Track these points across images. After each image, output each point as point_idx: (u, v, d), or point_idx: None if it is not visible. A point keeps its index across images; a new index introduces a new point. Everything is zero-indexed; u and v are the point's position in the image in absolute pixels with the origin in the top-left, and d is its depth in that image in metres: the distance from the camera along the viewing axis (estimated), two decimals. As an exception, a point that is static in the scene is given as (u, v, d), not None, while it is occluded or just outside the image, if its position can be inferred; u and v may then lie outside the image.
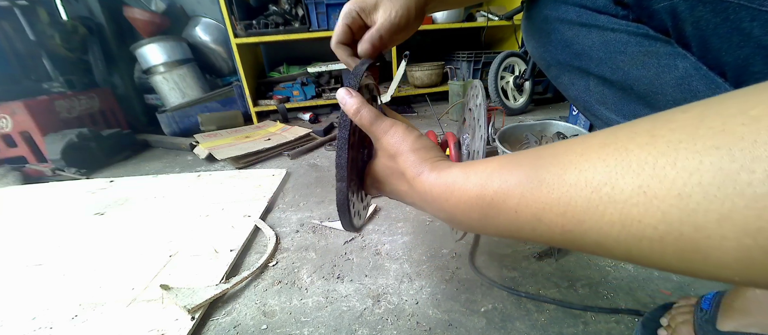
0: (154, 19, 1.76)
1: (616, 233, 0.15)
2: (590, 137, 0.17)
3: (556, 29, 0.37)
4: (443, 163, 0.26)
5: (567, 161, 0.17)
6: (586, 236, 0.17)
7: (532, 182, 0.18)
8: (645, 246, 0.14)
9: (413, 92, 1.99)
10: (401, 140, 0.28)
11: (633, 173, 0.14)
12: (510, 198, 0.20)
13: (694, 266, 0.14)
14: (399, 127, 0.29)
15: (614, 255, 0.16)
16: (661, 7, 0.28)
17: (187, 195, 0.96)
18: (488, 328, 0.47)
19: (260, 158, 1.26)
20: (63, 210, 0.92)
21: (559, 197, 0.17)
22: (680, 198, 0.13)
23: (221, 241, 0.70)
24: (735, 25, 0.24)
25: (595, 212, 0.15)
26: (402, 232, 0.71)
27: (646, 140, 0.14)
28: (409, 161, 0.27)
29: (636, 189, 0.14)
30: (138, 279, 0.60)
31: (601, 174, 0.15)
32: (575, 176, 0.16)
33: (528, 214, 0.19)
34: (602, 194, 0.15)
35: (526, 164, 0.20)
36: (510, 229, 0.21)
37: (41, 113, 1.31)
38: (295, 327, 0.50)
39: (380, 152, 0.31)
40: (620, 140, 0.16)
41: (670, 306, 0.44)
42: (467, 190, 0.22)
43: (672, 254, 0.14)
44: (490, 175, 0.21)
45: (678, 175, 0.13)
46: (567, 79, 0.40)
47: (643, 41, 0.31)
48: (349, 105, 0.29)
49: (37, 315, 0.53)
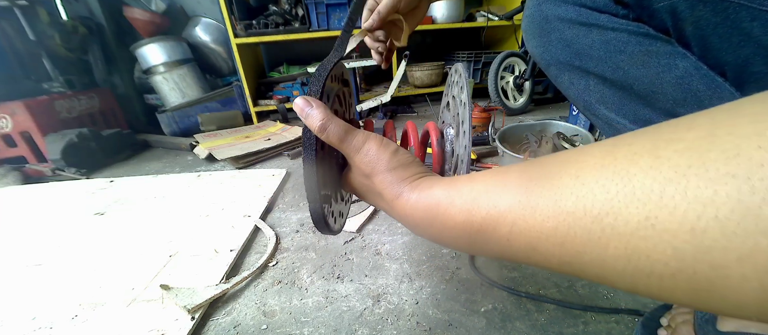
0: (154, 19, 1.76)
1: (622, 268, 0.14)
2: (584, 154, 0.16)
3: (556, 28, 0.37)
4: (424, 181, 0.24)
5: (562, 186, 0.16)
6: (586, 268, 0.15)
7: (524, 208, 0.17)
8: (654, 282, 0.13)
9: (413, 91, 1.99)
10: (376, 158, 0.25)
11: (638, 202, 0.13)
12: (501, 226, 0.18)
13: (709, 304, 0.12)
14: (372, 143, 0.26)
15: (618, 286, 0.15)
16: (661, 6, 0.28)
17: (187, 195, 0.96)
18: (488, 328, 0.47)
19: (260, 158, 1.26)
20: (63, 210, 0.92)
21: (555, 227, 0.16)
22: (694, 234, 0.11)
23: (221, 241, 0.70)
24: (735, 24, 0.24)
25: (597, 245, 0.14)
26: (402, 232, 0.71)
27: (649, 163, 0.13)
28: (385, 181, 0.25)
29: (643, 221, 0.13)
30: (138, 279, 0.60)
31: (601, 202, 0.14)
32: (572, 204, 0.15)
33: (522, 243, 0.17)
34: (604, 224, 0.14)
35: (516, 185, 0.18)
36: (503, 255, 0.19)
37: (41, 113, 1.31)
38: (295, 327, 0.50)
39: (354, 170, 0.28)
40: (619, 160, 0.14)
41: (670, 306, 0.44)
42: (453, 215, 0.21)
43: (684, 291, 0.13)
44: (476, 198, 0.19)
45: (690, 207, 0.11)
46: (567, 78, 0.40)
47: (643, 40, 0.31)
48: (313, 120, 0.25)
49: (37, 315, 0.53)
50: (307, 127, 0.26)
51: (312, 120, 0.26)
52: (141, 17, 1.74)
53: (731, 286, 0.11)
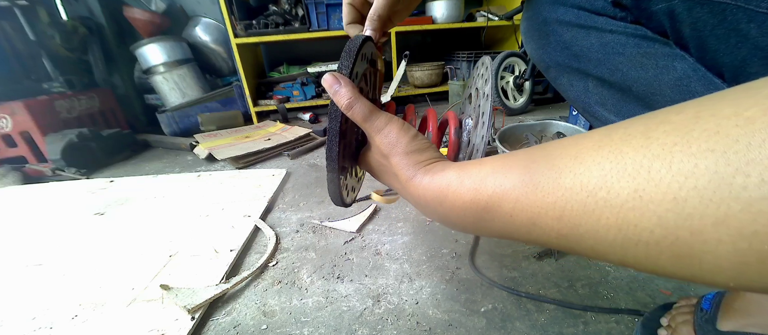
0: (154, 19, 1.76)
1: (613, 237, 0.15)
2: (584, 138, 0.17)
3: (555, 31, 0.37)
4: (437, 165, 0.26)
5: (562, 165, 0.17)
6: (581, 241, 0.17)
7: (527, 186, 0.18)
8: (641, 250, 0.14)
9: (413, 91, 1.99)
10: (395, 140, 0.27)
11: (628, 176, 0.14)
12: (505, 202, 0.20)
13: (690, 270, 0.14)
14: (394, 126, 0.28)
15: (609, 258, 0.16)
16: (659, 8, 0.28)
17: (187, 195, 0.96)
18: (488, 328, 0.47)
19: (260, 158, 1.26)
20: (63, 210, 0.92)
21: (554, 202, 0.17)
22: (676, 202, 0.13)
23: (221, 241, 0.70)
24: (732, 26, 0.24)
25: (591, 217, 0.15)
26: (402, 232, 0.71)
27: (640, 143, 0.14)
28: (402, 163, 0.27)
29: (632, 193, 0.14)
30: (138, 279, 0.60)
31: (596, 178, 0.15)
32: (570, 180, 0.16)
33: (523, 218, 0.19)
34: (598, 198, 0.15)
35: (520, 166, 0.19)
36: (505, 232, 0.21)
37: (41, 113, 1.31)
38: (295, 327, 0.50)
39: (373, 149, 0.30)
40: (615, 142, 0.15)
41: (670, 306, 0.45)
42: (461, 194, 0.22)
43: (667, 258, 0.14)
44: (484, 178, 0.21)
45: (673, 179, 0.13)
46: (566, 80, 0.40)
47: (641, 43, 0.31)
48: (341, 97, 0.27)
49: (37, 315, 0.54)
50: (333, 102, 0.28)
51: (340, 97, 0.27)
52: (141, 17, 1.74)
53: (708, 250, 0.12)
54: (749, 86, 0.13)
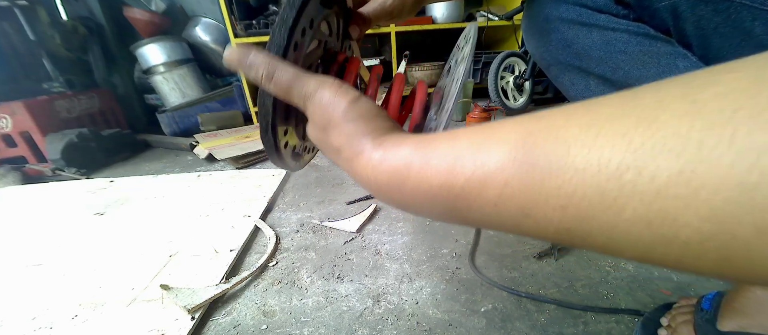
0: (154, 19, 1.76)
1: (637, 234, 0.12)
2: (597, 103, 0.13)
3: (557, 29, 0.37)
4: (391, 138, 0.20)
5: (570, 137, 0.13)
6: (589, 237, 0.13)
7: (520, 166, 0.14)
8: (674, 250, 0.11)
9: (413, 91, 1.98)
10: (331, 106, 0.21)
11: (670, 153, 0.10)
12: (489, 188, 0.15)
13: (738, 273, 0.11)
14: (326, 89, 0.21)
15: (623, 255, 0.13)
16: (662, 6, 0.28)
17: (187, 195, 0.96)
18: (488, 328, 0.47)
19: (260, 158, 1.26)
20: (63, 210, 0.92)
21: (558, 187, 0.13)
22: (742, 189, 0.09)
23: (221, 241, 0.70)
24: (736, 24, 0.24)
25: (611, 207, 0.12)
26: (402, 232, 0.71)
27: (684, 108, 0.10)
28: (343, 135, 0.21)
29: (675, 176, 0.10)
30: (138, 279, 0.60)
31: (621, 155, 0.11)
32: (583, 158, 0.12)
33: (512, 208, 0.14)
34: (623, 182, 0.11)
35: (511, 139, 0.15)
36: (485, 223, 0.16)
37: (41, 113, 1.31)
38: (295, 327, 0.50)
39: (310, 123, 0.23)
40: (646, 107, 0.11)
41: (670, 306, 0.44)
42: (427, 178, 0.17)
43: (712, 260, 0.11)
44: (459, 156, 0.16)
45: (739, 157, 0.09)
46: (567, 78, 0.40)
47: (643, 41, 0.31)
48: (253, 69, 0.21)
49: (37, 315, 0.53)
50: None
51: (255, 70, 0.22)
52: (141, 17, 1.74)
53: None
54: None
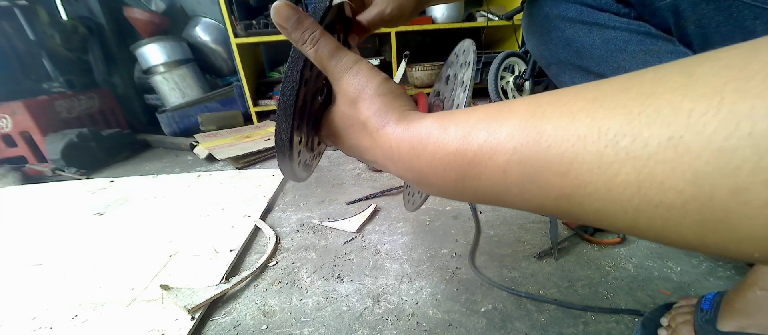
0: (154, 19, 1.76)
1: (628, 198, 0.13)
2: (602, 83, 0.14)
3: (557, 27, 0.37)
4: (414, 112, 0.22)
5: (576, 109, 0.14)
6: (586, 202, 0.14)
7: (528, 134, 0.15)
8: (660, 214, 0.12)
9: (413, 91, 1.98)
10: (365, 81, 0.23)
11: (662, 122, 0.11)
12: (498, 154, 0.16)
13: (713, 238, 0.11)
14: (363, 65, 0.24)
15: (614, 224, 0.14)
16: (663, 5, 0.28)
17: (187, 195, 0.96)
18: (488, 328, 0.47)
19: (260, 158, 1.26)
20: (63, 210, 0.92)
21: (562, 153, 0.14)
22: (720, 154, 0.10)
23: (221, 241, 0.70)
24: (738, 23, 0.24)
25: (607, 172, 0.13)
26: (402, 232, 0.71)
27: (679, 82, 0.11)
28: (373, 107, 0.23)
29: (664, 142, 0.11)
30: (138, 279, 0.60)
31: (619, 124, 0.12)
32: (585, 126, 0.13)
33: (519, 173, 0.16)
34: (619, 148, 0.12)
35: (521, 113, 0.16)
36: (491, 192, 0.18)
37: (41, 113, 1.31)
38: (295, 327, 0.50)
39: (339, 97, 0.25)
40: (645, 83, 0.12)
41: (670, 306, 0.44)
42: (444, 144, 0.18)
43: (691, 224, 0.11)
44: (474, 126, 0.17)
45: (722, 124, 0.10)
46: (567, 77, 0.40)
47: (644, 40, 0.31)
48: (300, 33, 0.23)
49: (37, 315, 0.53)
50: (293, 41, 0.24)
51: (303, 30, 0.23)
52: (141, 17, 1.74)
53: (747, 214, 0.10)
54: None
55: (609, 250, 0.60)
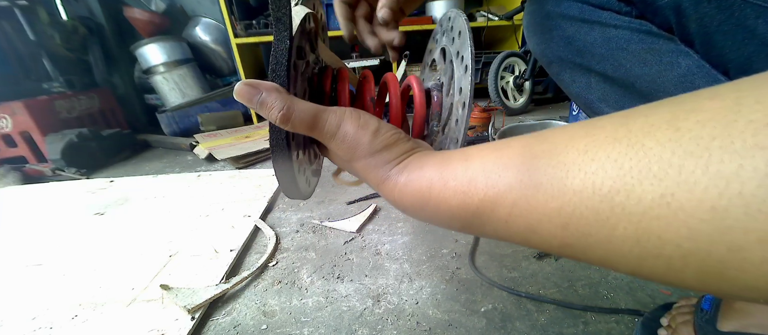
0: (154, 19, 1.76)
1: (628, 249, 0.13)
2: (593, 126, 0.15)
3: (558, 25, 0.37)
4: (413, 161, 0.22)
5: (569, 162, 0.14)
6: (589, 250, 0.14)
7: (526, 187, 0.16)
8: (661, 264, 0.12)
9: (413, 91, 1.98)
10: (354, 143, 0.22)
11: (653, 178, 0.12)
12: (499, 207, 0.17)
13: (717, 286, 0.12)
14: (348, 125, 0.22)
15: (620, 269, 0.14)
16: (665, 3, 0.28)
17: (187, 195, 0.96)
18: (488, 328, 0.47)
19: (260, 158, 1.26)
20: (63, 210, 0.92)
21: (560, 207, 0.14)
22: (714, 212, 0.10)
23: (221, 241, 0.70)
24: (740, 22, 0.23)
25: (605, 226, 0.13)
26: (402, 232, 0.70)
27: (668, 135, 0.12)
28: (369, 166, 0.22)
29: (657, 199, 0.12)
30: (138, 279, 0.60)
31: (612, 179, 0.13)
32: (580, 181, 0.14)
33: (521, 225, 0.16)
34: (614, 203, 0.13)
35: (517, 163, 0.17)
36: (498, 237, 0.19)
37: (41, 113, 1.31)
38: (295, 327, 0.49)
39: (331, 153, 0.25)
40: (634, 133, 0.13)
41: (670, 306, 0.44)
42: (447, 198, 0.19)
43: (693, 273, 0.12)
44: (473, 178, 0.18)
45: (711, 183, 0.10)
46: (568, 76, 0.40)
47: (645, 38, 0.31)
48: (270, 109, 0.21)
49: (37, 315, 0.53)
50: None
51: (269, 110, 0.21)
52: (141, 17, 1.74)
53: (747, 269, 0.10)
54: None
55: (609, 250, 0.60)
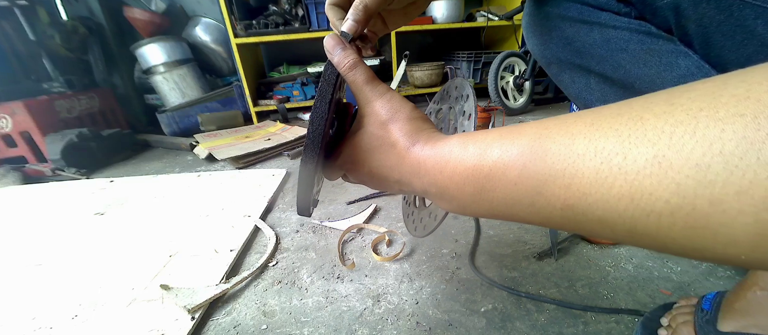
0: (154, 19, 1.76)
1: (623, 207, 0.14)
2: (601, 108, 0.17)
3: (558, 26, 0.37)
4: (439, 135, 0.25)
5: (576, 131, 0.16)
6: (588, 212, 0.16)
7: (535, 152, 0.17)
8: (652, 221, 0.14)
9: (413, 92, 1.98)
10: (399, 106, 0.26)
11: (648, 142, 0.13)
12: (510, 169, 0.18)
13: (701, 243, 0.13)
14: (395, 94, 0.27)
15: (615, 231, 0.15)
16: (664, 4, 0.28)
17: (187, 195, 0.96)
18: (488, 328, 0.47)
19: (260, 158, 1.26)
20: (63, 210, 0.92)
21: (564, 168, 0.16)
22: (698, 169, 0.12)
23: (221, 241, 0.70)
24: (739, 22, 0.24)
25: (603, 185, 0.15)
26: (402, 232, 0.71)
27: (663, 109, 0.14)
28: (404, 129, 0.25)
29: (650, 159, 0.13)
30: (138, 279, 0.60)
31: (612, 144, 0.14)
32: (584, 146, 0.15)
33: (528, 186, 0.18)
34: (612, 164, 0.14)
35: (529, 133, 0.18)
36: (505, 204, 0.20)
37: (41, 113, 1.31)
38: (295, 327, 0.49)
39: (369, 119, 0.27)
40: (635, 109, 0.15)
41: (671, 306, 0.44)
42: (464, 161, 0.21)
43: (680, 230, 0.13)
44: (489, 145, 0.20)
45: (697, 144, 0.12)
46: (568, 77, 0.40)
47: (645, 39, 0.31)
48: (344, 57, 0.27)
49: (37, 315, 0.53)
50: (330, 65, 0.27)
51: (343, 56, 0.27)
52: (141, 17, 1.74)
53: (726, 221, 0.12)
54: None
55: (609, 250, 0.60)
